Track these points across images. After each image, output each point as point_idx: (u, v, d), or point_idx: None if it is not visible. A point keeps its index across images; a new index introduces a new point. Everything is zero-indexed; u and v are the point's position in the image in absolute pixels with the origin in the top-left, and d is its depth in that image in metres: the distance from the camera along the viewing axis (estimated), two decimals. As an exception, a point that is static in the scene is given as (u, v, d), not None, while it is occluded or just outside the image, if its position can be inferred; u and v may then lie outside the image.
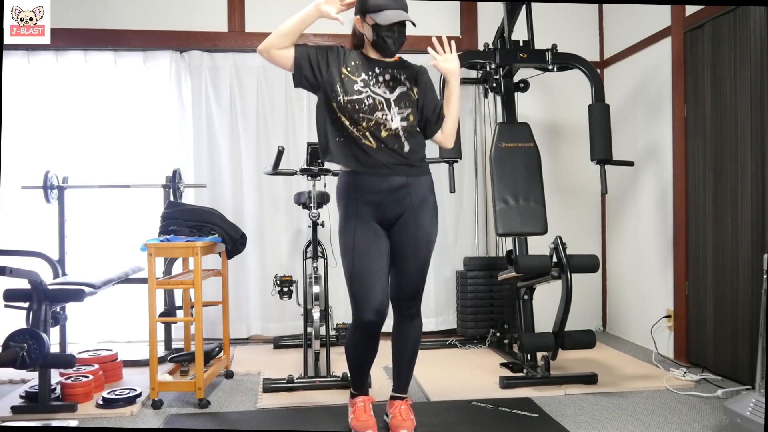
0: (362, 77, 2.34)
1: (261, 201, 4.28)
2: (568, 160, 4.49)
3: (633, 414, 2.75)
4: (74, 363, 2.90)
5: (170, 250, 3.09)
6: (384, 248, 2.39)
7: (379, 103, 2.32)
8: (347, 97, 2.31)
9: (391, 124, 2.33)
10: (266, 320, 4.28)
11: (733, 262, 3.16)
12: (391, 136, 2.33)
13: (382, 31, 2.30)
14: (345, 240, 2.39)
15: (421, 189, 2.41)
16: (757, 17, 2.97)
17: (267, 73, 4.25)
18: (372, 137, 2.32)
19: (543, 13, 4.09)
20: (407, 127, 2.36)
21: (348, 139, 2.34)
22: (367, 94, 2.32)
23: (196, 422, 2.71)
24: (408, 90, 2.39)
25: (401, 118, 2.35)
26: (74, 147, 4.15)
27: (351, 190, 2.38)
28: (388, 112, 2.33)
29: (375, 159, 2.33)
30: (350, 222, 2.38)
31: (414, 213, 2.39)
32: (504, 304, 4.08)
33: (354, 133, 2.32)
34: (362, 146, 2.32)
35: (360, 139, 2.32)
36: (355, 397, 2.58)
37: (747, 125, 3.05)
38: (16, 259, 3.20)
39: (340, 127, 2.34)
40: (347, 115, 2.32)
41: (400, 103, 2.35)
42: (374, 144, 2.32)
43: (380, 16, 2.27)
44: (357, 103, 2.31)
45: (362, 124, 2.31)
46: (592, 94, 3.56)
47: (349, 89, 2.32)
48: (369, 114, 2.31)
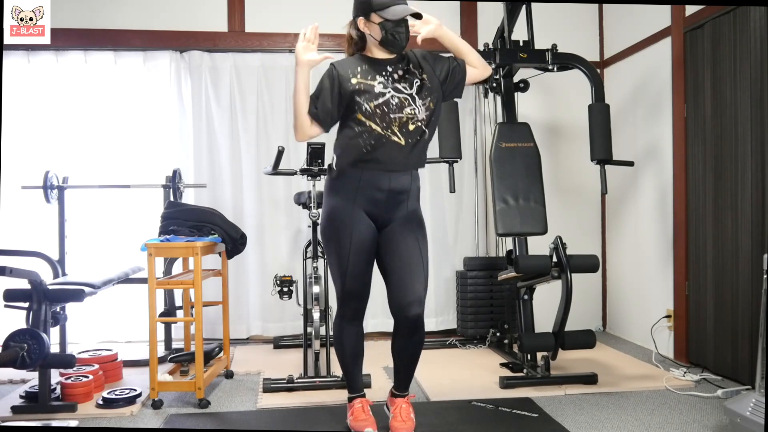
0: (378, 80, 2.35)
1: (261, 201, 4.28)
2: (568, 160, 4.49)
3: (633, 414, 2.75)
4: (74, 363, 2.90)
5: (170, 250, 3.09)
6: (372, 241, 2.42)
7: (404, 99, 2.35)
8: (374, 102, 2.31)
9: (418, 116, 2.36)
10: (266, 320, 4.28)
11: (733, 262, 3.16)
12: (417, 128, 2.37)
13: (392, 27, 2.31)
14: (337, 231, 2.40)
15: (415, 197, 2.47)
16: (757, 17, 2.97)
17: (267, 73, 4.25)
18: (401, 133, 2.34)
19: (543, 13, 4.09)
20: (430, 115, 2.40)
21: (378, 144, 2.33)
22: (391, 94, 2.34)
23: (196, 422, 2.71)
24: (421, 79, 2.41)
25: (425, 108, 2.38)
26: (74, 147, 4.15)
27: (354, 181, 2.38)
28: (415, 106, 2.36)
29: (402, 157, 2.36)
30: (343, 211, 2.39)
31: (411, 224, 2.44)
32: (504, 304, 4.08)
33: (386, 136, 2.33)
34: (393, 145, 2.34)
35: (390, 137, 2.33)
36: (353, 400, 2.59)
37: (747, 125, 3.05)
38: (16, 259, 3.20)
39: (370, 136, 2.33)
40: (377, 120, 2.32)
41: (421, 93, 2.38)
42: (403, 140, 2.35)
43: (388, 12, 2.30)
44: (385, 105, 2.32)
45: (395, 124, 2.33)
46: (592, 94, 3.56)
47: (372, 95, 2.32)
48: (399, 112, 2.33)
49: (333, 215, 2.42)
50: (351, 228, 2.38)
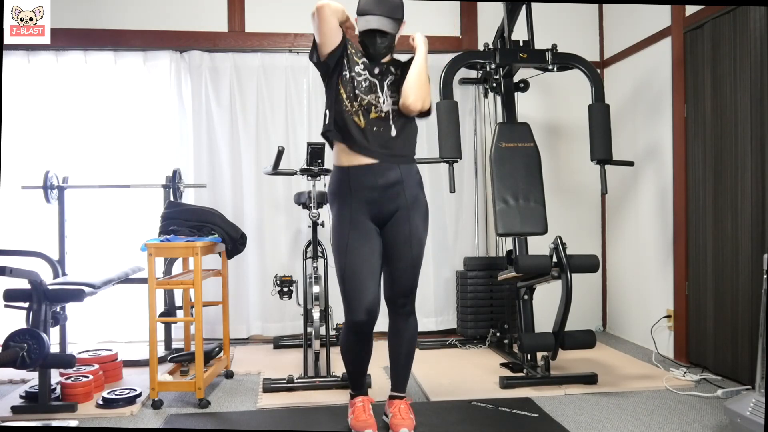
0: (363, 60, 2.43)
1: (261, 201, 4.28)
2: (568, 160, 4.49)
3: (633, 414, 2.75)
4: (74, 363, 2.90)
5: (170, 250, 3.09)
6: (377, 248, 2.41)
7: (373, 85, 2.40)
8: (350, 73, 2.39)
9: (382, 106, 2.40)
10: (266, 320, 4.28)
11: (733, 262, 3.16)
12: (379, 118, 2.39)
13: (362, 36, 2.38)
14: (338, 240, 2.41)
15: (413, 186, 2.45)
16: (757, 17, 2.97)
17: (267, 73, 4.25)
18: (362, 116, 2.38)
19: (543, 13, 4.09)
20: (398, 111, 2.41)
21: (343, 114, 2.39)
22: (365, 76, 2.40)
23: (196, 422, 2.71)
24: (394, 75, 2.45)
25: (393, 101, 2.41)
26: (74, 147, 4.15)
27: (345, 186, 2.40)
28: (381, 95, 2.40)
29: (362, 140, 2.38)
30: (344, 220, 2.40)
31: (407, 212, 2.43)
32: (504, 304, 4.08)
33: (348, 108, 2.38)
34: (353, 123, 2.38)
35: (351, 116, 2.38)
36: (355, 397, 2.59)
37: (747, 125, 3.05)
38: (16, 259, 3.19)
39: (340, 101, 2.39)
40: (347, 90, 2.38)
41: (393, 86, 2.42)
42: (363, 123, 2.38)
43: (361, 22, 2.36)
44: (356, 81, 2.38)
45: (356, 102, 2.38)
46: (592, 94, 3.56)
47: (352, 66, 2.40)
48: (364, 93, 2.39)
49: (335, 228, 2.44)
50: (351, 241, 2.38)
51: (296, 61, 4.27)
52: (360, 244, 2.38)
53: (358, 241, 2.38)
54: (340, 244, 2.40)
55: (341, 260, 2.39)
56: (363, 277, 2.36)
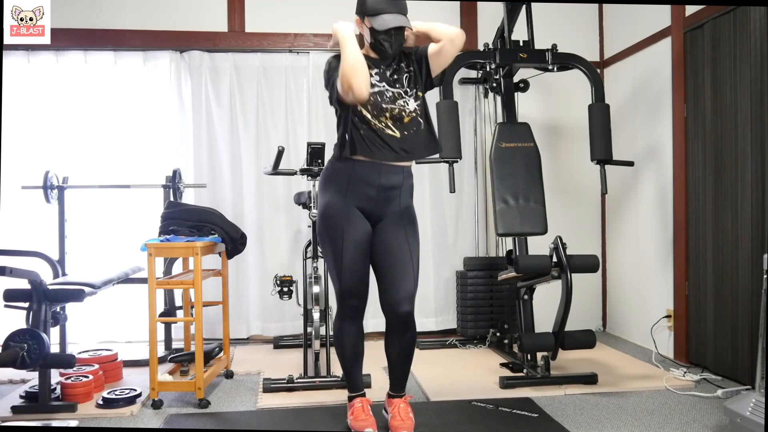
0: (375, 71, 2.40)
1: (261, 201, 4.28)
2: (568, 160, 4.49)
3: (633, 414, 2.75)
4: (74, 363, 2.90)
5: (170, 250, 3.09)
6: (367, 233, 2.43)
7: (396, 93, 2.39)
8: (369, 90, 2.34)
9: (409, 107, 2.40)
10: (266, 320, 4.28)
11: (733, 262, 3.16)
12: (411, 121, 2.40)
13: (379, 35, 2.34)
14: (329, 223, 2.42)
15: (407, 196, 2.48)
16: (757, 17, 2.97)
17: (267, 73, 4.25)
18: (394, 127, 2.37)
19: (543, 13, 4.09)
20: (421, 104, 2.43)
21: (375, 133, 2.36)
22: (384, 87, 2.39)
23: (196, 422, 2.71)
24: (408, 71, 2.45)
25: (414, 98, 2.42)
26: (74, 147, 4.15)
27: (345, 176, 2.40)
28: (406, 98, 2.41)
29: (400, 149, 2.37)
30: (336, 205, 2.41)
31: (402, 220, 2.45)
32: (504, 304, 4.08)
33: (377, 126, 2.35)
34: (389, 137, 2.36)
35: (384, 131, 2.36)
36: (353, 399, 2.59)
37: (747, 125, 3.05)
38: (16, 259, 3.19)
39: (366, 121, 2.36)
40: (369, 108, 2.35)
41: (410, 84, 2.43)
42: (398, 133, 2.37)
43: (377, 21, 2.32)
44: (378, 95, 2.36)
45: (384, 115, 2.36)
46: (592, 94, 3.56)
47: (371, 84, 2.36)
48: (391, 103, 2.38)
49: (327, 212, 2.43)
50: (344, 225, 2.39)
51: (296, 61, 4.27)
52: (352, 228, 2.39)
53: (349, 224, 2.39)
54: (331, 227, 2.41)
55: (333, 245, 2.40)
56: (355, 258, 2.39)
